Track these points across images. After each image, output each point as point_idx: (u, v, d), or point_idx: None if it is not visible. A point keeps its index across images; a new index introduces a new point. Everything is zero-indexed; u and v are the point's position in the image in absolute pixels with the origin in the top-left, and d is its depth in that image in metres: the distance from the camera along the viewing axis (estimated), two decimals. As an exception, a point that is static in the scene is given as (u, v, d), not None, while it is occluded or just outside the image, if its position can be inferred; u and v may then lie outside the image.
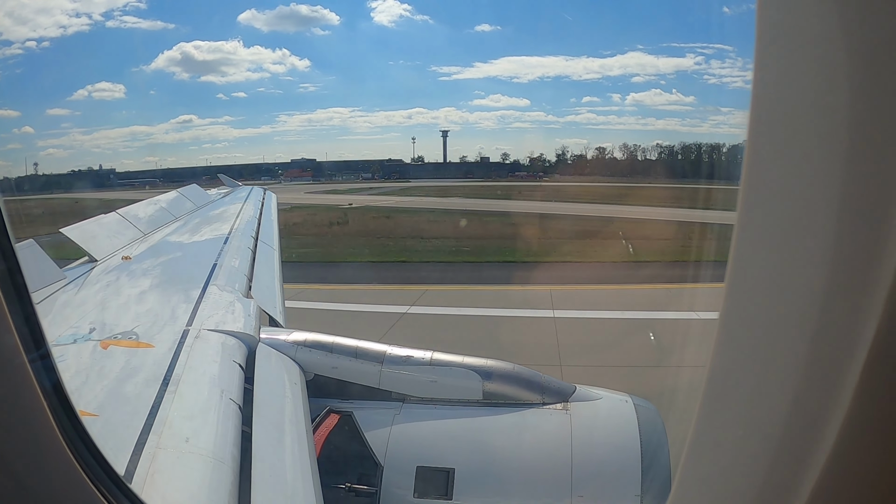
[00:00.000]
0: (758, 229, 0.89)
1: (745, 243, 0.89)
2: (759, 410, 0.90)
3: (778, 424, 0.85)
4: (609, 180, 64.46)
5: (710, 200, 35.70)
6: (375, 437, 2.94)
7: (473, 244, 22.44)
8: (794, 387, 0.83)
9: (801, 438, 0.81)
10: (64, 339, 2.82)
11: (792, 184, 0.83)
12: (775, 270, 0.87)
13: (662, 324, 10.49)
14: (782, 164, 0.84)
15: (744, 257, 0.90)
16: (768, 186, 0.86)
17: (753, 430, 0.91)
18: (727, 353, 0.95)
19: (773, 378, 0.87)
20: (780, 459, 0.86)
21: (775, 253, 0.86)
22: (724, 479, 0.99)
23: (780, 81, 0.83)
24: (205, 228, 7.02)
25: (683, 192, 46.06)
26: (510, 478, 2.81)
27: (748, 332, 0.93)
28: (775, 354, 0.87)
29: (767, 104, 0.84)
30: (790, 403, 0.84)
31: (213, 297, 3.73)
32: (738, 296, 0.92)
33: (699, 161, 68.74)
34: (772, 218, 0.87)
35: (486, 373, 3.08)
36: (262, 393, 2.63)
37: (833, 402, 0.76)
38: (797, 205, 0.83)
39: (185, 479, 1.87)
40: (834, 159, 0.76)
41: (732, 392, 0.96)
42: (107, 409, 2.20)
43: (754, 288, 0.91)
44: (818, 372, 0.79)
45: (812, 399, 0.80)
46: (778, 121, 0.85)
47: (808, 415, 0.80)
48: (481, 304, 12.59)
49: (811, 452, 0.79)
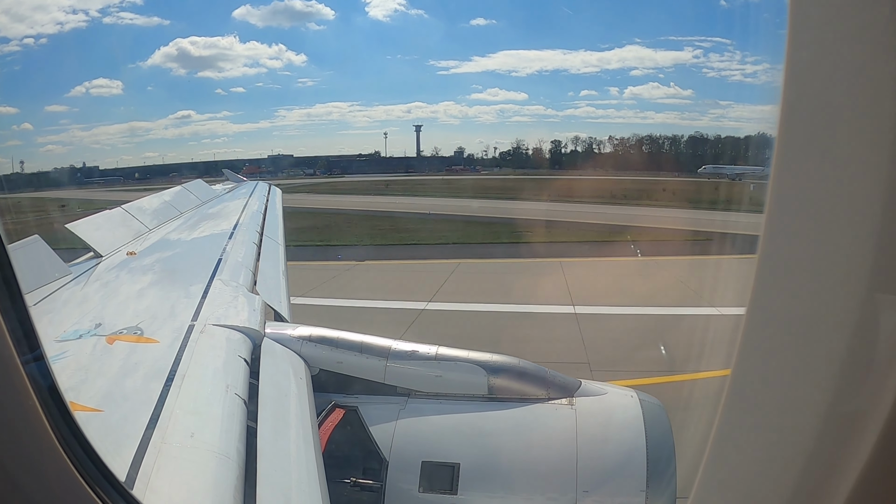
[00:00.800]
0: (787, 226, 0.86)
1: (774, 240, 0.86)
2: (788, 413, 0.87)
3: (810, 429, 0.83)
4: (557, 173, 65.73)
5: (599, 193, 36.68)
6: (380, 432, 2.94)
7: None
8: (830, 389, 0.80)
9: (835, 445, 0.79)
10: (69, 334, 2.83)
11: (827, 179, 0.80)
12: (809, 268, 0.84)
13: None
14: (816, 160, 0.81)
15: (773, 254, 0.87)
16: (800, 182, 0.84)
17: (782, 435, 0.88)
18: (754, 353, 0.92)
19: (806, 380, 0.84)
20: (812, 466, 0.83)
21: (805, 250, 0.84)
22: (748, 485, 0.96)
23: (814, 76, 0.81)
24: (209, 224, 7.03)
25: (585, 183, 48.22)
26: (515, 473, 2.80)
27: (778, 332, 0.90)
28: (808, 355, 0.84)
29: (800, 99, 0.82)
30: (824, 407, 0.81)
31: (218, 292, 3.73)
32: (767, 294, 0.89)
33: (656, 153, 69.26)
34: (802, 215, 0.84)
35: (492, 368, 3.07)
36: (267, 388, 2.63)
37: (873, 405, 0.73)
38: (833, 200, 0.80)
39: (190, 474, 1.87)
40: (873, 154, 0.73)
41: (759, 394, 0.93)
42: (112, 403, 2.20)
43: (784, 286, 0.88)
44: (857, 374, 0.77)
45: (849, 403, 0.77)
46: (811, 116, 0.82)
47: (844, 419, 0.77)
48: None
49: (846, 459, 0.76)
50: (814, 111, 0.82)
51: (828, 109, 0.80)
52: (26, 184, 47.54)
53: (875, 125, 0.72)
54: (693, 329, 10.32)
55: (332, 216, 32.72)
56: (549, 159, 78.15)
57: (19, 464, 1.13)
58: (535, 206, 30.07)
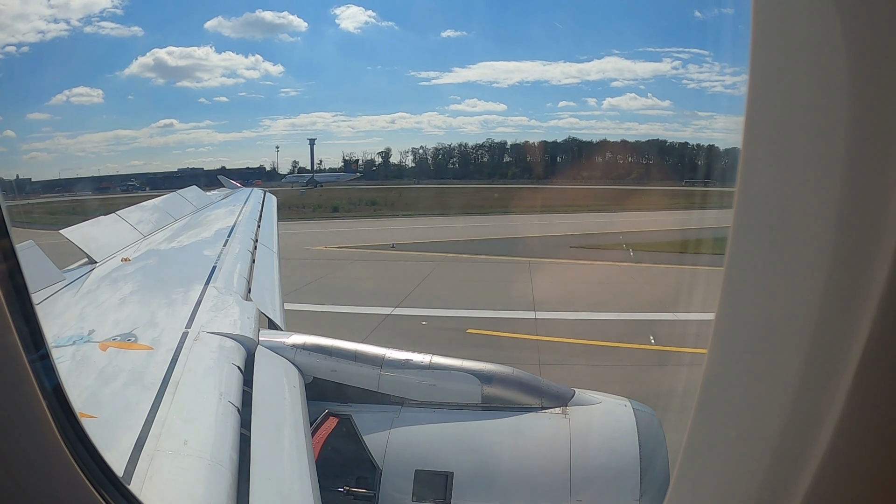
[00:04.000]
0: (753, 232, 0.89)
1: (741, 246, 0.90)
2: (754, 413, 0.90)
3: (774, 427, 0.86)
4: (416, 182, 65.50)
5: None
6: (374, 441, 2.93)
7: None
8: (790, 389, 0.83)
9: (796, 440, 0.82)
10: (62, 340, 2.81)
11: (788, 187, 0.84)
12: (770, 273, 0.87)
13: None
14: (778, 167, 0.85)
15: (739, 260, 0.90)
16: (764, 189, 0.87)
17: (749, 433, 0.91)
18: (723, 355, 0.95)
19: (769, 381, 0.88)
20: (776, 461, 0.86)
21: (770, 256, 0.87)
22: (719, 481, 1.00)
23: (776, 84, 0.84)
24: (204, 231, 7.02)
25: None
26: (509, 482, 2.80)
27: (743, 335, 0.93)
28: (771, 357, 0.88)
29: (763, 107, 0.85)
30: (786, 406, 0.84)
31: (213, 299, 3.72)
32: (734, 299, 0.92)
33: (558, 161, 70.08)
34: (767, 221, 0.87)
35: (485, 377, 3.07)
36: (260, 396, 2.62)
37: (828, 404, 0.76)
38: (793, 208, 0.83)
39: (184, 481, 1.86)
40: (830, 162, 0.76)
41: (728, 394, 0.97)
42: (105, 410, 2.19)
43: (750, 291, 0.91)
44: (813, 374, 0.80)
45: (807, 401, 0.80)
46: (774, 123, 0.85)
47: (803, 417, 0.81)
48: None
49: (806, 454, 0.80)
50: (775, 121, 0.85)
51: (789, 119, 0.83)
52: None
53: (833, 134, 0.75)
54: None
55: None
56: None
57: (24, 461, 1.14)
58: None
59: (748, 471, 0.91)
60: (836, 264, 0.77)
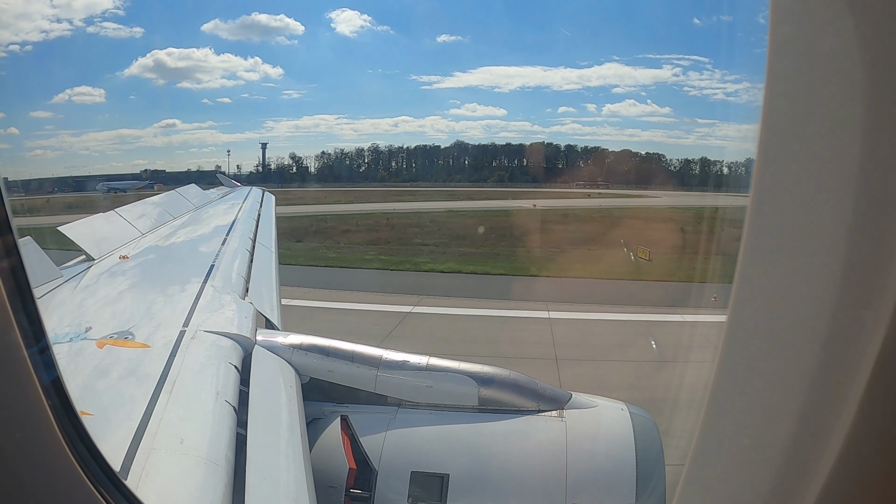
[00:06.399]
0: (766, 237, 0.89)
1: (754, 251, 0.89)
2: (764, 418, 0.90)
3: (784, 432, 0.86)
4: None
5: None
6: (370, 442, 2.93)
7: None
8: (801, 395, 0.83)
9: (806, 446, 0.81)
10: (60, 337, 2.81)
11: (802, 193, 0.84)
12: (783, 279, 0.87)
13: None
14: (792, 174, 0.84)
15: (752, 265, 0.90)
16: (777, 195, 0.87)
17: (759, 437, 0.91)
18: (733, 360, 0.95)
19: (780, 386, 0.87)
20: (786, 467, 0.86)
21: (784, 261, 0.87)
22: (728, 487, 0.99)
23: (793, 94, 0.84)
24: (202, 229, 7.01)
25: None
26: (505, 484, 2.80)
27: (754, 340, 0.93)
28: (782, 362, 0.87)
29: (779, 116, 0.85)
30: (796, 411, 0.84)
31: (210, 298, 3.72)
32: (746, 304, 0.92)
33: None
34: (781, 227, 0.87)
35: (482, 379, 3.08)
36: (257, 395, 2.62)
37: (839, 410, 0.76)
38: (807, 214, 0.83)
39: (179, 480, 1.86)
40: (844, 170, 0.76)
41: (737, 399, 0.96)
42: (102, 408, 2.19)
43: (762, 296, 0.91)
44: (825, 380, 0.80)
45: (818, 407, 0.80)
46: (789, 132, 0.85)
47: (814, 423, 0.80)
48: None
49: (816, 460, 0.79)
50: (791, 129, 0.85)
51: (804, 127, 0.84)
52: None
53: (848, 142, 0.75)
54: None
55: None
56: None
57: (24, 457, 1.14)
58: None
59: (757, 476, 0.91)
60: (848, 270, 0.77)
